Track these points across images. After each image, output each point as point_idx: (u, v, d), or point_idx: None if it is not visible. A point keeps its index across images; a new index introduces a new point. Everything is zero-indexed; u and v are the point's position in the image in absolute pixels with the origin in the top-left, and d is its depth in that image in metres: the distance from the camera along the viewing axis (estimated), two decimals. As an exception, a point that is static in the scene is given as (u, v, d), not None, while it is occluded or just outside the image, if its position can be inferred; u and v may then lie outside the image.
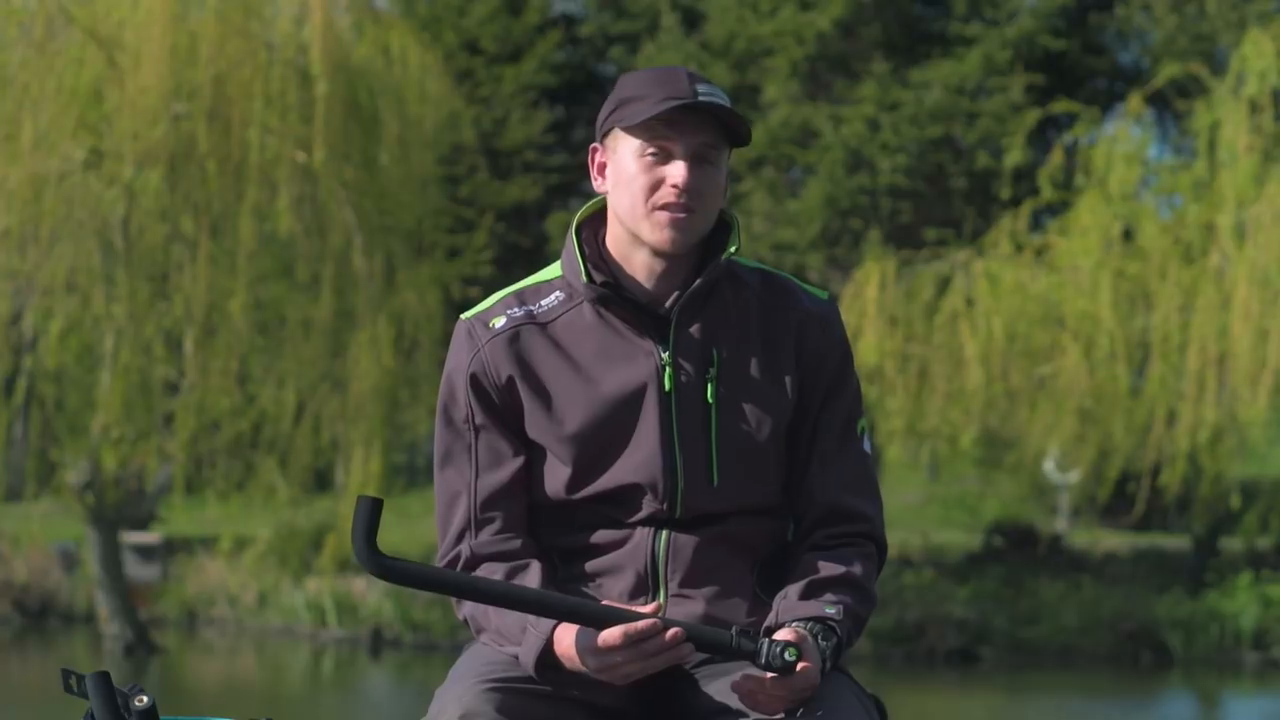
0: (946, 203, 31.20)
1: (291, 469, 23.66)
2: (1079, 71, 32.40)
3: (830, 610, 3.33)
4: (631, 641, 3.17)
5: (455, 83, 28.39)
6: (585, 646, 3.21)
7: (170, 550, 29.51)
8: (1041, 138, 30.53)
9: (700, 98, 3.34)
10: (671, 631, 3.18)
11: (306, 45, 22.54)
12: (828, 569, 3.38)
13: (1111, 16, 32.66)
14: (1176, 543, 30.88)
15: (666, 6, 32.42)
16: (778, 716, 3.25)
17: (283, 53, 22.58)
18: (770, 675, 3.20)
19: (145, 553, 28.85)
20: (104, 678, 3.18)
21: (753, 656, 3.19)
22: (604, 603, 3.28)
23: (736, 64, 31.47)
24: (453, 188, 31.32)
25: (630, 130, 3.38)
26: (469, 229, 31.29)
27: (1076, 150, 26.58)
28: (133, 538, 28.25)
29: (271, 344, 23.20)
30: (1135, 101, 26.55)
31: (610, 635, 3.18)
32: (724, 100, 3.37)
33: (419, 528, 28.63)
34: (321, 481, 25.02)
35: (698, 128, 3.36)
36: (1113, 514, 32.11)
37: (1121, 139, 26.28)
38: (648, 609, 3.21)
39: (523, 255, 32.94)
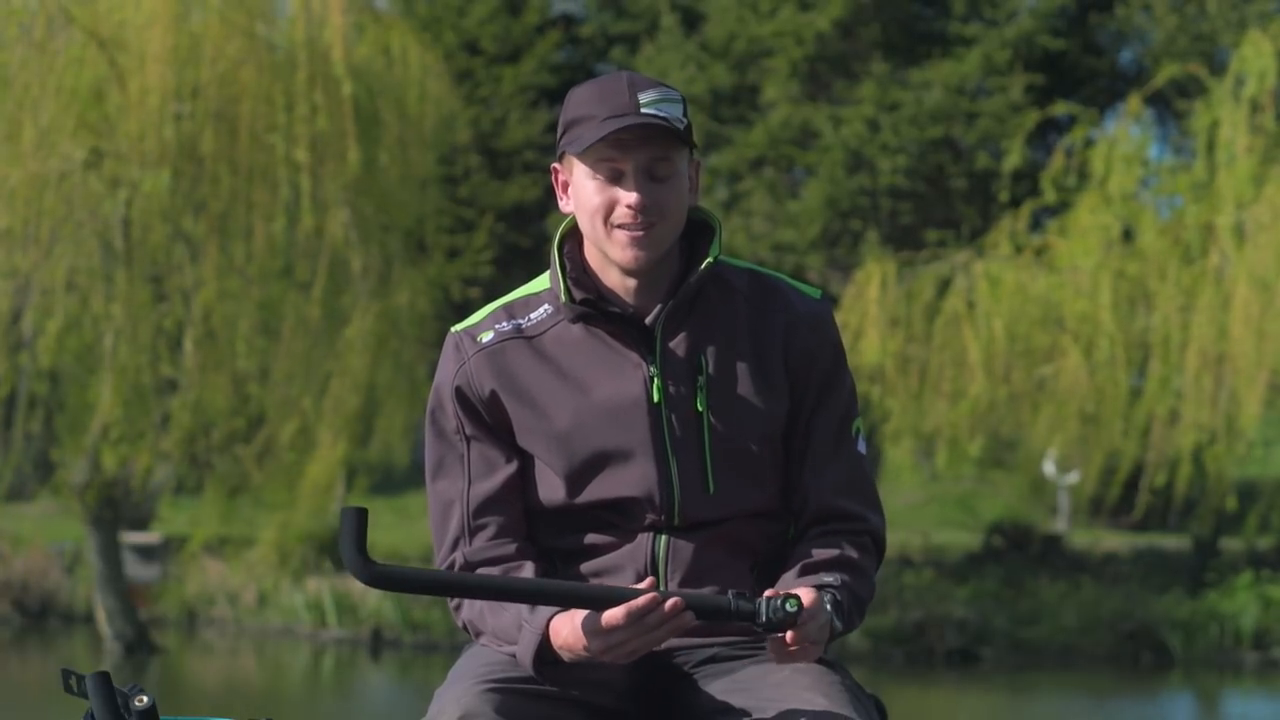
0: (947, 203, 31.21)
1: (281, 469, 23.67)
2: (1079, 72, 32.42)
3: (829, 578, 3.34)
4: (634, 619, 3.17)
5: (455, 83, 28.41)
6: (588, 629, 3.21)
7: (170, 550, 29.51)
8: (1041, 138, 30.55)
9: (642, 110, 3.31)
10: (671, 602, 3.18)
11: (307, 46, 22.55)
12: (823, 554, 3.39)
13: (1111, 17, 32.68)
14: (1176, 543, 30.88)
15: (666, 7, 32.43)
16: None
17: (284, 53, 22.59)
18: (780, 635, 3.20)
19: (145, 553, 28.85)
20: (104, 678, 3.19)
21: (752, 616, 3.19)
22: (597, 583, 3.29)
23: (736, 64, 31.47)
24: (452, 188, 31.34)
25: (579, 155, 3.36)
26: (468, 229, 31.31)
27: (1075, 151, 26.58)
28: (133, 538, 28.25)
29: (273, 344, 23.21)
30: (1135, 102, 26.55)
31: (613, 615, 3.18)
32: (668, 108, 3.33)
33: (418, 528, 28.65)
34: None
35: (645, 143, 3.33)
36: (1113, 514, 32.11)
37: (1121, 139, 26.27)
38: (643, 584, 3.21)
39: (522, 255, 32.97)
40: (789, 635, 3.18)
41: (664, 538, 3.40)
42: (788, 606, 3.16)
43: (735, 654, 3.41)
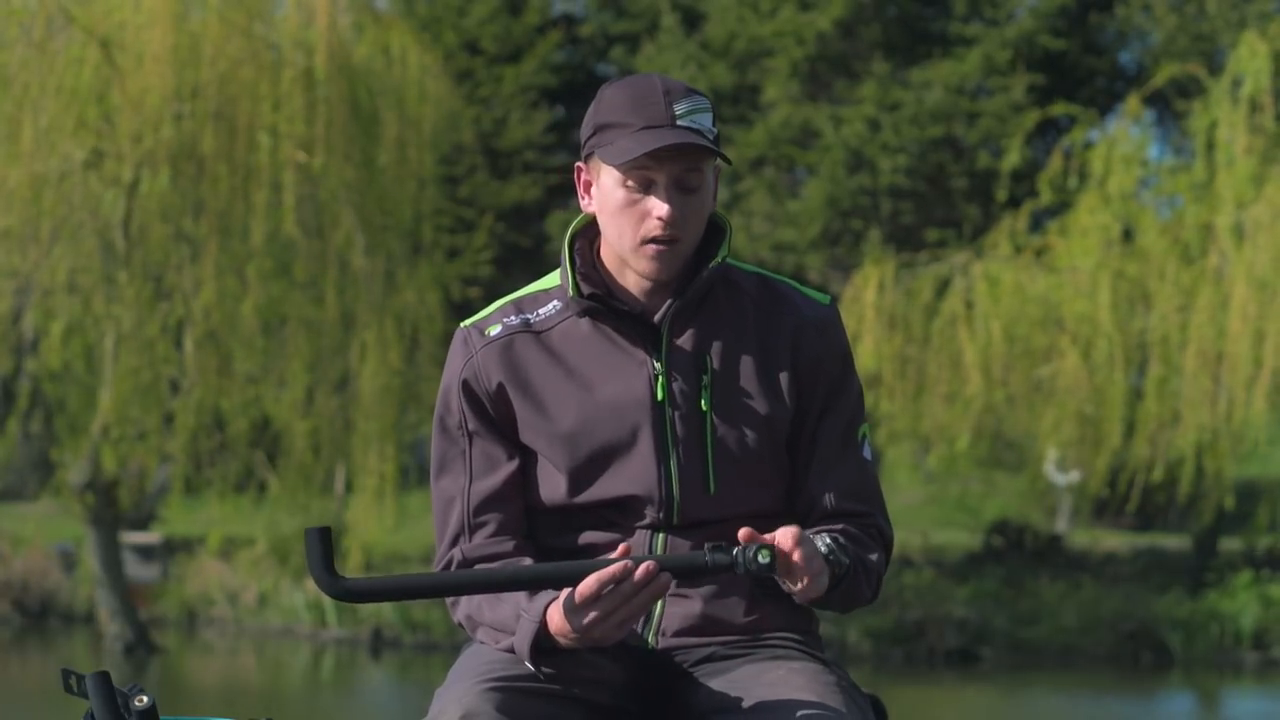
0: (947, 203, 31.22)
1: (292, 470, 23.67)
2: (1079, 72, 32.41)
3: (829, 538, 3.34)
4: (606, 588, 3.16)
5: (455, 83, 28.41)
6: (569, 607, 3.20)
7: (170, 550, 29.51)
8: (1041, 138, 30.55)
9: (678, 122, 3.32)
10: (643, 567, 3.16)
11: (307, 46, 22.56)
12: (826, 531, 3.39)
13: (1111, 17, 32.68)
14: (1176, 543, 30.89)
15: (666, 6, 32.42)
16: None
17: (284, 53, 22.59)
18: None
19: (145, 553, 28.86)
20: (104, 678, 3.19)
21: (730, 568, 3.18)
22: (571, 563, 3.29)
23: (736, 64, 31.47)
24: (452, 188, 31.35)
25: (614, 164, 3.36)
26: (469, 229, 31.31)
27: (1075, 151, 26.58)
28: (133, 538, 28.25)
29: (273, 344, 23.21)
30: (1134, 102, 26.55)
31: (584, 587, 3.17)
32: (701, 118, 3.35)
33: (419, 528, 28.65)
34: (324, 482, 24.99)
35: (679, 155, 3.34)
36: (1113, 514, 32.11)
37: (1121, 140, 26.28)
38: (615, 553, 3.20)
39: (523, 255, 32.96)
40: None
41: (662, 536, 3.40)
42: (760, 558, 3.15)
43: (731, 653, 3.42)
